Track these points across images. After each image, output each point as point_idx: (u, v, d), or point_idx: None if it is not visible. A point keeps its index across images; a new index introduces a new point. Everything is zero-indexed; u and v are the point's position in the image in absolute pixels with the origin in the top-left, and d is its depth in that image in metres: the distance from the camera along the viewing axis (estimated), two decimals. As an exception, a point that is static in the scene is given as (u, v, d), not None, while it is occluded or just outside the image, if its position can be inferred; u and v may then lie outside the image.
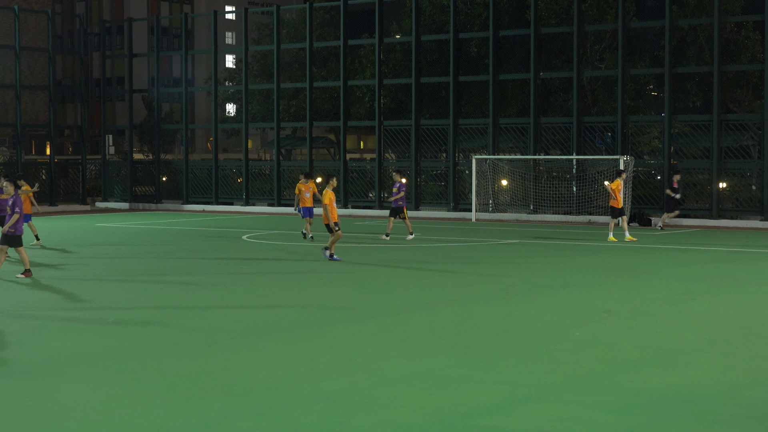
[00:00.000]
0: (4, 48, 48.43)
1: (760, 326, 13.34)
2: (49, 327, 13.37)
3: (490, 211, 37.18)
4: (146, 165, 48.66)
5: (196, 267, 20.66)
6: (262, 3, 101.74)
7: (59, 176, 47.15)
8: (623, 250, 24.28)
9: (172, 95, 61.01)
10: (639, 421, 8.50)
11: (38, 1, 71.82)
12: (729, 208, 34.45)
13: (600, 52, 40.52)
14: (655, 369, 10.64)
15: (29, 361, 11.08)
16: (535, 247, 25.30)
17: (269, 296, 16.43)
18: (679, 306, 15.22)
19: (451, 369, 10.58)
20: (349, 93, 43.22)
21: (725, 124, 34.19)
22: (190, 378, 10.16)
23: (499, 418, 8.67)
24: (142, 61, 63.92)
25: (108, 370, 10.54)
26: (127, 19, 49.66)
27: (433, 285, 17.65)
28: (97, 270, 20.08)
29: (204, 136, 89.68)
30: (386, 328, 13.28)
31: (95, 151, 74.91)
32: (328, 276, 18.94)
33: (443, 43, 41.26)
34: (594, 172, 35.82)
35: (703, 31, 38.76)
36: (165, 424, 8.49)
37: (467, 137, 39.13)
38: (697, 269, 20.33)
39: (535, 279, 18.50)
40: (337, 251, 22.09)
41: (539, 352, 11.59)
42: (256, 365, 10.81)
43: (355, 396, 9.43)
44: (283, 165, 43.46)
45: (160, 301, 15.79)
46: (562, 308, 14.84)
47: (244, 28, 44.32)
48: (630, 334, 12.71)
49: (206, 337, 12.47)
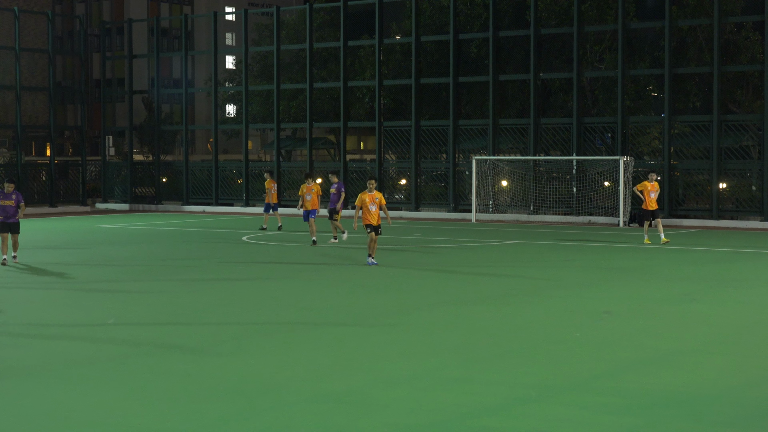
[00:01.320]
0: (4, 49, 48.44)
1: (759, 327, 13.34)
2: (49, 327, 13.36)
3: (490, 212, 37.18)
4: (146, 166, 48.64)
5: (196, 267, 20.65)
6: (262, 4, 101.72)
7: (59, 177, 47.13)
8: (623, 251, 24.28)
9: (172, 96, 60.97)
10: (639, 422, 8.50)
11: (38, 3, 71.84)
12: (729, 208, 34.45)
13: (600, 52, 40.52)
14: (655, 369, 10.64)
15: (29, 361, 11.07)
16: (535, 248, 25.29)
17: (269, 296, 16.43)
18: (679, 306, 15.21)
19: (451, 369, 10.58)
20: (349, 94, 43.22)
21: (725, 125, 34.19)
22: (189, 378, 10.15)
23: (499, 419, 8.67)
24: (142, 62, 63.88)
25: (107, 371, 10.53)
26: (126, 21, 49.66)
27: (433, 285, 17.65)
28: (96, 270, 20.07)
29: (204, 137, 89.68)
30: (386, 328, 13.28)
31: (95, 152, 74.91)
32: (328, 276, 18.94)
33: (443, 43, 41.27)
34: (594, 173, 35.82)
35: (703, 31, 38.76)
36: (164, 424, 8.49)
37: (467, 138, 39.13)
38: (697, 269, 20.32)
39: (535, 279, 18.49)
40: (332, 252, 22.09)
41: (539, 352, 11.59)
42: (256, 365, 10.81)
43: (355, 397, 9.42)
44: (283, 166, 43.47)
45: (160, 302, 15.79)
46: (562, 309, 14.84)
47: (244, 29, 44.33)
48: (630, 334, 12.71)
49: (206, 338, 12.47)
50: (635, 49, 40.28)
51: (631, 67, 37.60)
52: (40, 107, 60.70)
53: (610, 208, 34.88)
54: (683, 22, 36.89)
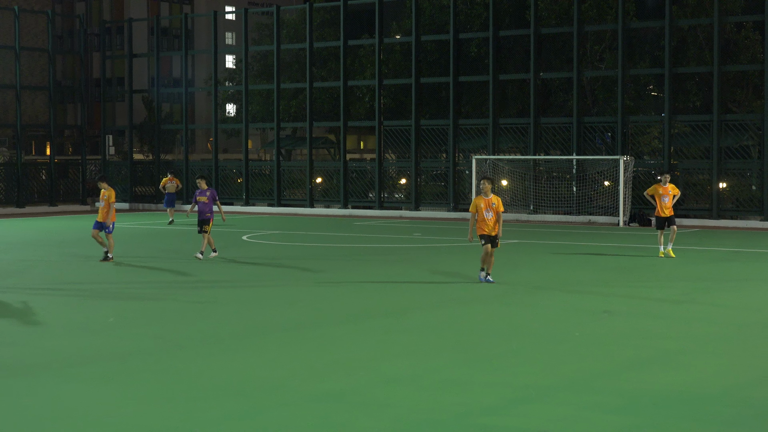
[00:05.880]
0: (4, 48, 48.41)
1: (759, 327, 13.34)
2: (49, 327, 13.36)
3: (490, 212, 37.13)
4: (146, 165, 48.65)
5: (196, 267, 20.64)
6: (262, 3, 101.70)
7: (59, 176, 47.13)
8: (623, 251, 24.27)
9: (172, 95, 60.99)
10: (639, 422, 8.50)
11: (38, 2, 71.78)
12: (729, 208, 34.45)
13: (600, 52, 40.52)
14: (655, 369, 10.64)
15: (29, 361, 11.07)
16: (535, 248, 25.29)
17: (269, 296, 16.42)
18: (678, 306, 15.21)
19: (450, 369, 10.57)
20: (349, 93, 43.22)
21: (725, 124, 34.18)
22: (190, 378, 10.15)
23: (499, 418, 8.67)
24: (142, 62, 63.96)
25: (108, 370, 10.53)
26: (127, 20, 49.66)
27: (433, 285, 17.64)
28: (96, 270, 20.07)
29: (204, 136, 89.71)
30: (386, 328, 13.28)
31: (95, 151, 74.83)
32: (328, 276, 18.93)
33: (443, 43, 41.26)
34: (594, 173, 35.81)
35: (703, 31, 38.77)
36: (165, 424, 8.49)
37: (467, 137, 39.13)
38: (697, 269, 20.32)
39: (535, 279, 18.49)
40: (332, 252, 22.04)
41: (539, 352, 11.59)
42: (256, 365, 10.81)
43: (355, 396, 9.42)
44: (283, 165, 43.47)
45: (160, 302, 15.78)
46: (562, 308, 14.84)
47: (244, 29, 44.33)
48: (630, 334, 12.71)
49: (206, 337, 12.46)
50: (635, 49, 40.29)
51: (631, 66, 37.59)
52: (40, 106, 60.66)
53: (610, 208, 34.88)
54: (683, 22, 36.90)
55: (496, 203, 17.18)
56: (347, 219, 37.57)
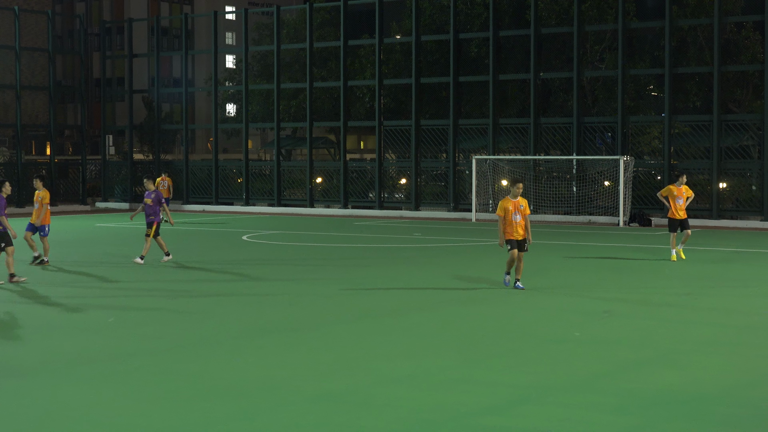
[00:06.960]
0: (4, 48, 48.42)
1: (759, 327, 13.34)
2: (49, 327, 13.36)
3: (490, 212, 37.16)
4: (146, 165, 48.66)
5: (196, 266, 20.64)
6: (262, 3, 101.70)
7: (59, 176, 47.15)
8: (623, 251, 24.27)
9: (172, 95, 61.00)
10: (638, 422, 8.50)
11: (38, 2, 71.79)
12: (729, 208, 34.45)
13: (600, 52, 40.53)
14: (655, 369, 10.64)
15: (29, 361, 11.08)
16: (535, 248, 25.26)
17: (269, 296, 16.42)
18: (678, 306, 15.21)
19: (451, 369, 10.58)
20: (350, 93, 43.22)
21: (725, 125, 34.19)
22: (190, 378, 10.16)
23: (499, 418, 8.67)
24: (142, 62, 63.90)
25: (108, 371, 10.53)
26: (127, 20, 49.66)
27: (433, 285, 17.65)
28: (95, 270, 20.07)
29: (204, 136, 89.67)
30: (386, 328, 13.29)
31: (95, 151, 74.87)
32: (328, 276, 18.93)
33: (443, 43, 41.27)
34: (594, 173, 35.81)
35: (703, 31, 38.76)
36: (165, 424, 8.50)
37: (467, 137, 39.13)
38: (697, 269, 20.31)
39: (535, 279, 18.48)
40: (332, 252, 22.02)
41: (539, 352, 11.59)
42: (256, 365, 10.81)
43: (355, 396, 9.43)
44: (283, 165, 43.47)
45: (160, 302, 15.79)
46: (562, 308, 14.85)
47: (244, 29, 44.34)
48: (630, 334, 12.71)
49: (206, 338, 12.47)
50: (635, 49, 40.30)
51: (631, 66, 37.60)
52: (40, 106, 60.67)
53: (610, 208, 34.88)
54: (683, 22, 36.89)
55: (524, 206, 16.85)
56: (347, 219, 37.57)
